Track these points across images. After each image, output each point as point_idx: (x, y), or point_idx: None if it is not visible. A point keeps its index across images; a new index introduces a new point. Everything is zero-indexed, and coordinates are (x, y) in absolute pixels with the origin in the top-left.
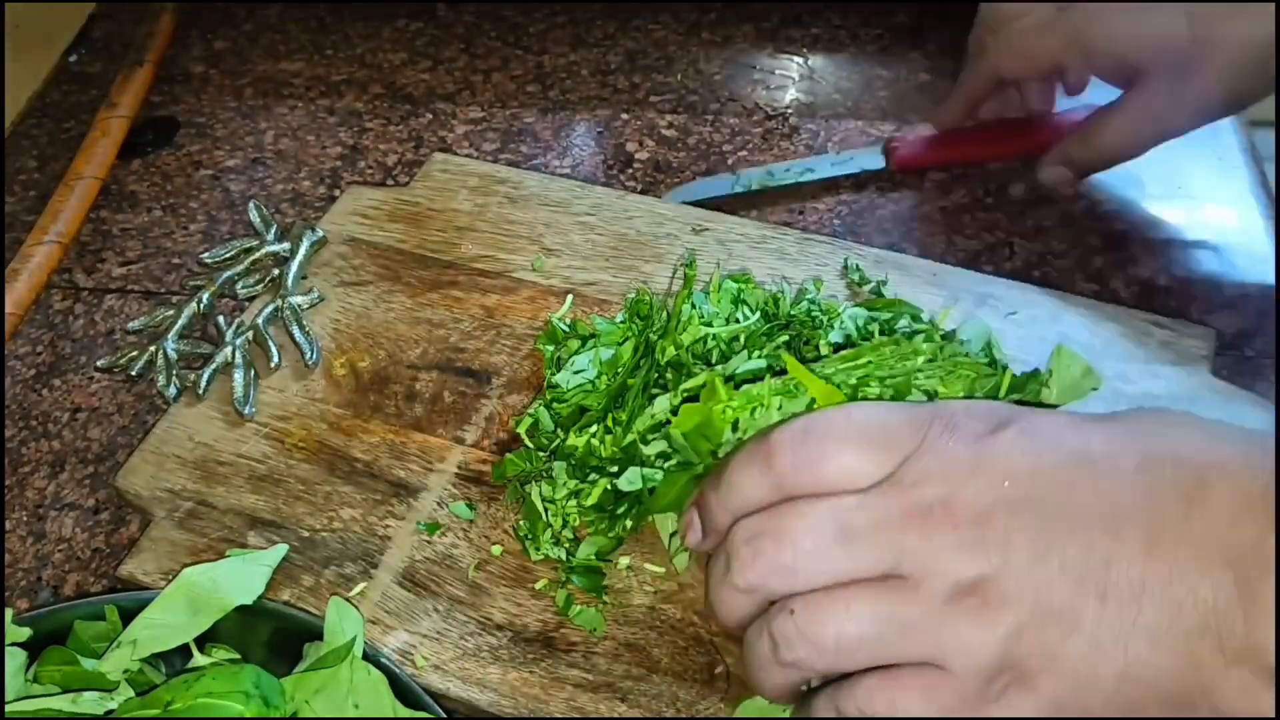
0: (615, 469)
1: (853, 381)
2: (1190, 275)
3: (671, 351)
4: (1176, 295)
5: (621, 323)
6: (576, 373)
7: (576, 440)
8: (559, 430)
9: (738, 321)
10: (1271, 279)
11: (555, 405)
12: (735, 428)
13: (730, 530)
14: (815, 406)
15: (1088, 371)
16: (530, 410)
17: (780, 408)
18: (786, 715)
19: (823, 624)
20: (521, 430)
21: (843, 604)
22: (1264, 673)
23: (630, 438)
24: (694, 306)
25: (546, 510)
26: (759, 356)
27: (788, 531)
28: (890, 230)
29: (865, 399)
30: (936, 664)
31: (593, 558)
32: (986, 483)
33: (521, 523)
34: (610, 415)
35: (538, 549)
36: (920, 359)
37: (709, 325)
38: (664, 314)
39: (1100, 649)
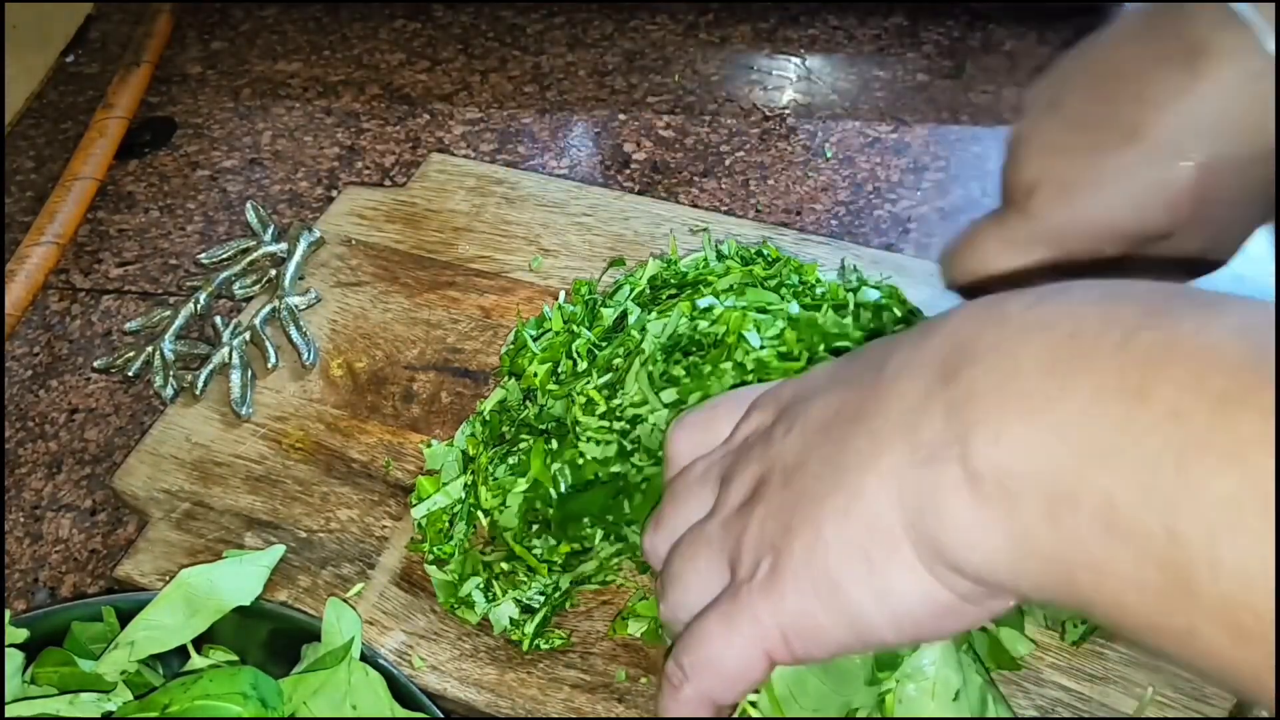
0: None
1: None
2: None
3: (648, 292)
4: None
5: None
6: (544, 350)
7: (538, 367)
8: (527, 402)
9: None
10: (1271, 279)
11: (517, 360)
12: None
13: None
14: None
15: None
16: (502, 384)
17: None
18: None
19: (670, 562)
20: (486, 409)
21: (683, 542)
22: (956, 462)
23: (583, 380)
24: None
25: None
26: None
27: (669, 490)
28: (888, 230)
29: None
30: (733, 568)
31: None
32: (779, 404)
33: (441, 597)
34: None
35: (473, 608)
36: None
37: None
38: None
39: (823, 487)
